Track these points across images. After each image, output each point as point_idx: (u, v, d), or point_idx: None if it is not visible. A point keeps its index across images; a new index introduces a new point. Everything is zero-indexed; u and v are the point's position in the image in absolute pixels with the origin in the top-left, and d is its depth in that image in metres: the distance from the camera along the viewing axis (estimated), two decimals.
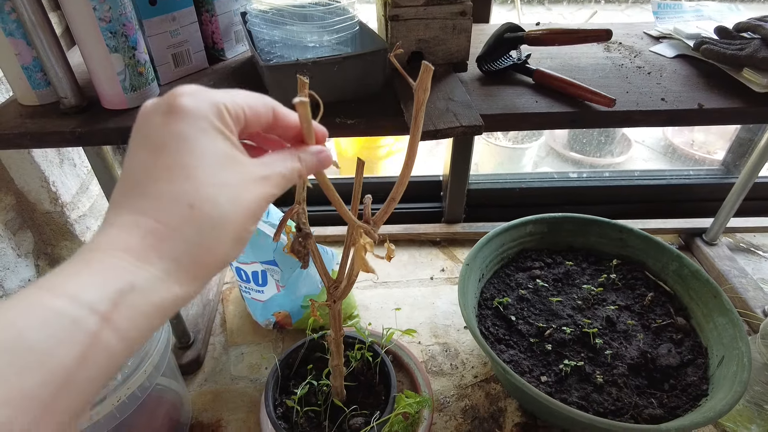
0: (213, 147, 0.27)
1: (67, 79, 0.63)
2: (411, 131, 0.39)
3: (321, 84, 0.61)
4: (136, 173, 0.26)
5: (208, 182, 0.26)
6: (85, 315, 0.21)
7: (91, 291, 0.22)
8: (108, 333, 0.21)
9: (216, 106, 0.27)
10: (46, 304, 0.21)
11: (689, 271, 0.90)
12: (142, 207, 0.25)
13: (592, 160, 1.66)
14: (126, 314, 0.22)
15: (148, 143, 0.26)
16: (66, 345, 0.20)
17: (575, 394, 0.78)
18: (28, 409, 0.19)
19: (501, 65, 0.70)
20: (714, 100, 0.65)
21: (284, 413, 0.72)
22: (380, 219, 0.46)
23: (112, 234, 0.24)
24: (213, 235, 0.26)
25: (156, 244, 0.24)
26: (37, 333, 0.20)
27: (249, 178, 0.28)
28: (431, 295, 1.10)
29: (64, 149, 0.93)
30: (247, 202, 0.27)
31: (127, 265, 0.23)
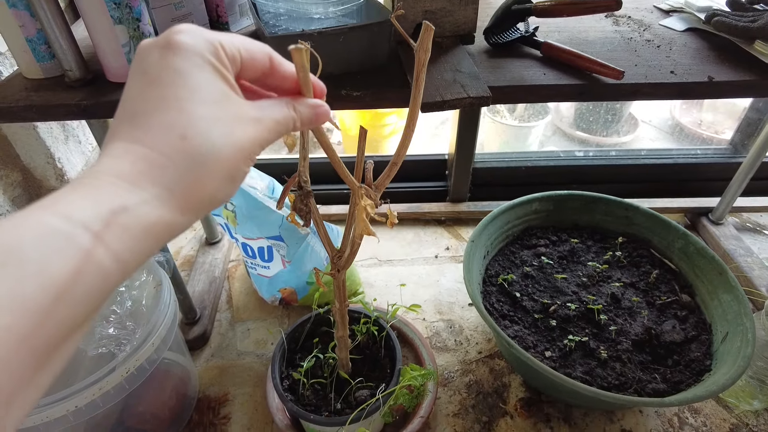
0: (207, 83, 0.27)
1: (71, 52, 0.63)
2: (412, 92, 0.39)
3: (326, 56, 0.60)
4: (131, 104, 0.27)
5: (201, 116, 0.26)
6: (78, 232, 0.22)
7: (84, 211, 0.22)
8: (101, 251, 0.22)
9: (212, 44, 0.28)
10: (41, 221, 0.22)
11: (695, 248, 0.90)
12: (135, 136, 0.25)
13: (598, 140, 1.65)
14: (118, 235, 0.23)
15: (145, 76, 0.27)
16: (61, 259, 0.21)
17: (579, 369, 0.78)
18: (25, 316, 0.20)
19: (508, 38, 0.70)
20: (724, 73, 0.64)
21: (290, 385, 0.73)
22: (382, 183, 0.46)
23: (106, 162, 0.25)
24: (204, 168, 0.26)
25: (148, 171, 0.25)
26: (33, 246, 0.21)
27: (242, 117, 0.28)
28: (436, 273, 1.10)
29: (69, 126, 0.93)
30: (239, 140, 0.27)
31: (120, 188, 0.24)
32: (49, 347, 0.21)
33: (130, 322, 0.72)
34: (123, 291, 0.74)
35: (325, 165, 1.24)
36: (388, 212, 0.49)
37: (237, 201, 0.83)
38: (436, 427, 0.81)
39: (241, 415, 0.84)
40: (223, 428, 0.82)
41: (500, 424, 0.82)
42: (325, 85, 0.34)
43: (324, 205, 1.20)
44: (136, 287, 0.75)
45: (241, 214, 0.84)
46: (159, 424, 0.78)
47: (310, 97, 0.33)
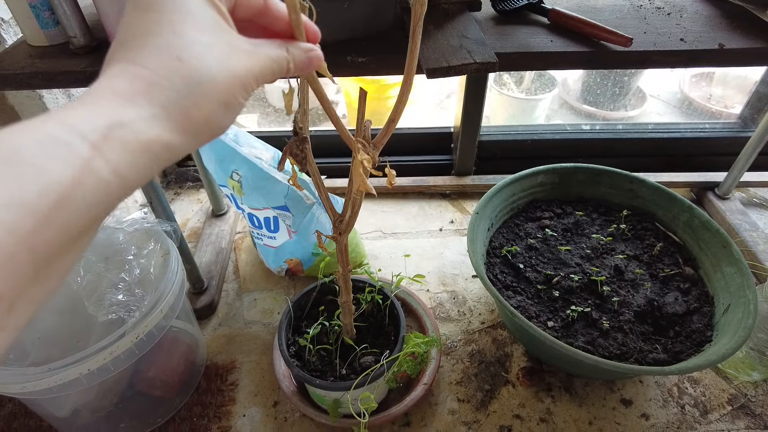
0: (201, 10, 0.27)
1: (75, 18, 0.63)
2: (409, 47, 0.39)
3: (331, 21, 0.60)
4: (127, 30, 0.27)
5: (196, 39, 0.27)
6: (77, 141, 0.22)
7: (82, 122, 0.23)
8: (99, 162, 0.22)
9: None
10: (41, 128, 0.22)
11: (699, 221, 0.90)
12: (131, 57, 0.26)
13: (605, 113, 1.63)
14: (116, 147, 0.23)
15: (139, 4, 0.27)
16: (60, 164, 0.21)
17: (581, 339, 0.79)
18: (25, 217, 0.20)
19: (516, 4, 0.69)
20: (736, 41, 0.63)
21: (297, 352, 0.74)
22: (380, 141, 0.46)
23: (104, 81, 0.25)
24: (200, 90, 0.26)
25: (144, 89, 0.25)
26: (34, 151, 0.21)
27: (236, 47, 0.28)
28: (440, 245, 1.11)
29: (74, 95, 0.93)
30: (234, 67, 0.28)
31: (117, 105, 0.24)
32: (48, 252, 0.21)
33: (139, 290, 0.73)
34: (131, 259, 0.75)
35: (328, 138, 1.24)
36: (387, 171, 0.49)
37: (243, 171, 0.83)
38: (439, 395, 0.83)
39: (248, 382, 0.85)
40: (230, 394, 0.84)
41: (502, 393, 0.83)
42: (331, 50, 0.34)
43: (329, 178, 1.21)
44: (144, 255, 0.76)
45: (247, 184, 0.84)
46: (168, 390, 0.80)
47: (302, 40, 0.33)
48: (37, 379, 0.60)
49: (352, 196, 0.52)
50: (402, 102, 0.42)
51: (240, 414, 0.81)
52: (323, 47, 0.34)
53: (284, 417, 0.81)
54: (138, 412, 0.78)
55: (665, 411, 0.81)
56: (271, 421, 0.80)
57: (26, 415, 0.81)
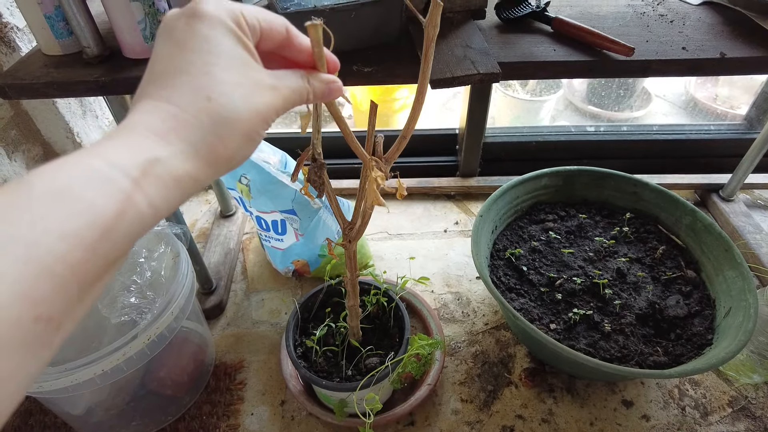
0: (230, 49, 0.29)
1: (89, 29, 0.64)
2: (421, 68, 0.40)
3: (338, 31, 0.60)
4: (160, 66, 0.29)
5: (225, 80, 0.28)
6: (120, 177, 0.24)
7: (124, 159, 0.25)
8: (139, 196, 0.25)
9: (234, 13, 0.30)
10: (90, 164, 0.24)
11: (702, 225, 0.91)
12: (164, 95, 0.28)
13: (610, 114, 1.64)
14: (153, 182, 0.25)
15: (172, 41, 0.29)
16: (107, 199, 0.23)
17: (583, 341, 0.80)
18: (77, 247, 0.22)
19: (520, 13, 0.70)
20: (737, 49, 0.64)
21: (304, 353, 0.76)
22: (392, 156, 0.47)
23: (138, 117, 0.27)
24: (226, 127, 0.28)
25: (176, 127, 0.27)
26: (83, 186, 0.23)
27: (261, 84, 0.30)
28: (445, 246, 1.12)
29: (87, 101, 0.95)
30: (257, 104, 0.30)
31: (152, 142, 0.26)
32: (92, 277, 0.23)
33: (150, 292, 0.75)
34: (143, 262, 0.77)
35: (336, 140, 1.25)
36: (397, 184, 0.50)
37: (251, 175, 0.85)
38: (442, 395, 0.84)
39: (256, 381, 0.87)
40: (238, 393, 0.86)
41: (505, 393, 0.85)
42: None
43: (335, 179, 1.22)
44: (155, 258, 0.78)
45: (255, 188, 0.86)
46: (178, 389, 0.82)
47: (324, 71, 0.35)
48: (53, 379, 0.62)
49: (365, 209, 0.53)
50: (414, 119, 0.44)
51: (248, 412, 0.83)
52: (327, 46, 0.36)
53: (291, 416, 0.83)
54: (149, 411, 0.81)
55: (666, 412, 0.82)
56: (279, 419, 0.82)
57: (42, 412, 0.84)
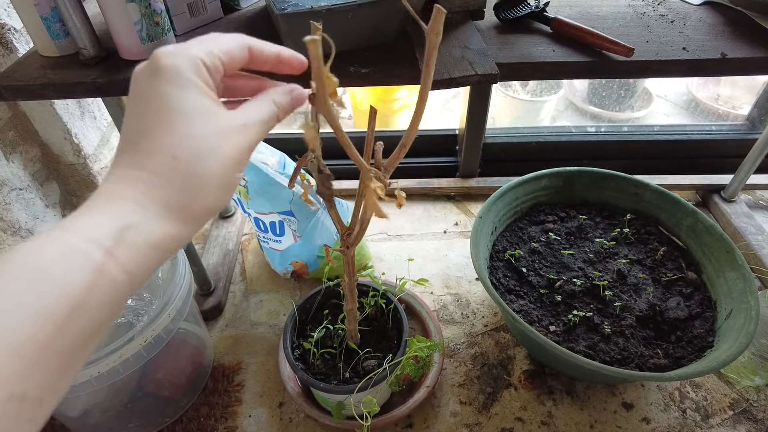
0: (192, 103, 0.29)
1: (85, 30, 0.64)
2: (422, 76, 0.40)
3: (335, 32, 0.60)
4: (129, 133, 0.30)
5: (189, 135, 0.29)
6: (93, 249, 0.25)
7: (96, 229, 0.25)
8: (112, 265, 0.25)
9: (194, 62, 0.30)
10: (62, 239, 0.25)
11: (703, 226, 0.90)
12: (133, 161, 0.28)
13: (611, 115, 1.63)
14: (126, 250, 0.26)
15: (138, 104, 0.30)
16: (78, 273, 0.24)
17: (582, 344, 0.80)
18: (48, 325, 0.23)
19: (518, 13, 0.69)
20: (739, 50, 0.64)
21: (301, 355, 0.76)
22: (391, 164, 0.47)
23: (111, 188, 0.28)
24: (197, 183, 0.29)
25: (147, 191, 0.27)
26: (55, 262, 0.24)
27: (228, 129, 0.30)
28: (444, 247, 1.12)
29: (85, 102, 0.95)
30: (227, 152, 0.30)
31: (126, 208, 0.27)
32: (69, 352, 0.24)
33: (147, 294, 0.75)
34: None
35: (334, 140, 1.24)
36: (396, 193, 0.50)
37: (249, 177, 0.85)
38: (441, 397, 0.84)
39: (254, 383, 0.87)
40: (236, 395, 0.86)
41: (504, 395, 0.84)
42: (334, 61, 0.36)
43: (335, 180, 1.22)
44: None
45: (253, 189, 0.86)
46: (176, 390, 0.82)
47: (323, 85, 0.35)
48: None
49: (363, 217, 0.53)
50: (414, 127, 0.43)
51: (246, 414, 0.83)
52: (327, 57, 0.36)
53: (289, 418, 0.82)
54: (147, 412, 0.80)
55: (666, 415, 0.81)
56: (276, 421, 0.82)
57: None
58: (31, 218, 0.87)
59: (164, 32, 0.66)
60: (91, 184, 0.98)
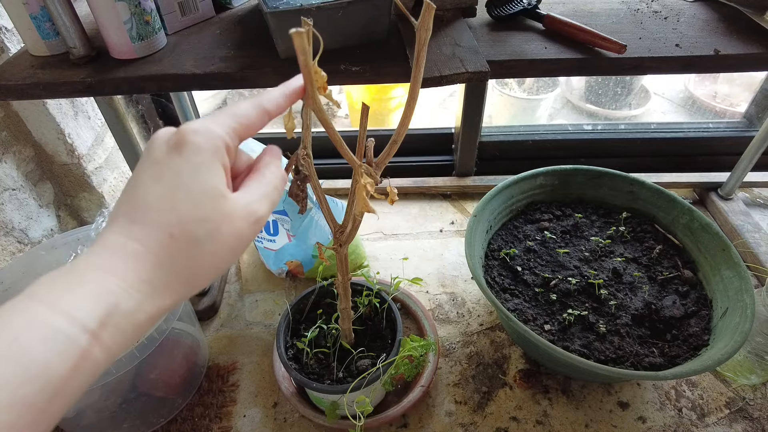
0: (204, 184, 0.29)
1: (75, 29, 0.63)
2: (413, 73, 0.40)
3: (325, 30, 0.60)
4: (134, 197, 0.29)
5: (191, 217, 0.29)
6: (78, 333, 0.24)
7: (83, 310, 0.25)
8: (96, 348, 0.25)
9: (216, 144, 0.30)
10: (46, 320, 0.24)
11: (699, 224, 0.90)
12: (131, 231, 0.28)
13: (608, 113, 1.62)
14: (111, 332, 0.26)
15: (150, 172, 0.30)
16: (62, 358, 0.24)
17: (578, 343, 0.80)
18: (26, 413, 0.22)
19: (511, 10, 0.69)
20: (732, 46, 0.63)
21: (295, 355, 0.76)
22: (382, 161, 0.46)
23: (104, 256, 0.27)
24: (189, 264, 0.29)
25: (137, 269, 0.27)
26: (38, 347, 0.23)
27: (232, 215, 0.30)
28: (440, 246, 1.12)
29: (78, 101, 0.94)
30: (226, 237, 0.30)
31: (114, 287, 0.26)
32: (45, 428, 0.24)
33: None
34: None
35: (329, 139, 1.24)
36: (388, 189, 0.49)
37: None
38: (436, 396, 0.84)
39: (249, 383, 0.87)
40: (231, 395, 0.85)
41: (499, 395, 0.84)
42: (324, 59, 0.36)
43: (329, 179, 1.21)
44: None
45: None
46: (170, 391, 0.81)
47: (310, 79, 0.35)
48: None
49: (354, 215, 0.53)
50: (405, 124, 0.43)
51: (240, 414, 0.83)
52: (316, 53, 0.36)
53: (284, 418, 0.82)
54: (141, 413, 0.80)
55: (662, 414, 0.81)
56: (271, 421, 0.82)
57: None
58: (24, 218, 0.87)
59: (155, 31, 0.65)
60: (85, 184, 0.98)
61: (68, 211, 1.02)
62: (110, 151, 1.04)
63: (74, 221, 1.03)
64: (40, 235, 0.92)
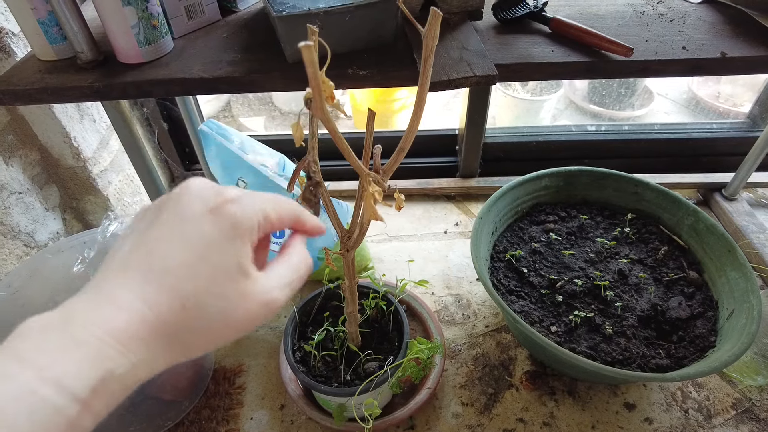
0: (230, 259, 0.28)
1: (82, 33, 0.64)
2: (420, 79, 0.40)
3: (333, 34, 0.60)
4: (156, 253, 0.28)
5: (208, 291, 0.28)
6: (68, 404, 0.23)
7: (74, 378, 0.24)
8: (85, 416, 0.24)
9: (253, 221, 0.29)
10: (34, 390, 0.23)
11: (704, 225, 0.90)
12: (144, 291, 0.27)
13: (611, 113, 1.62)
14: (102, 399, 0.25)
15: (181, 229, 0.28)
16: (48, 430, 0.23)
17: (584, 344, 0.80)
18: None
19: (517, 13, 0.69)
20: (738, 48, 0.63)
21: (302, 357, 0.76)
22: (389, 168, 0.47)
23: (105, 312, 0.26)
24: (193, 337, 0.28)
25: (143, 336, 0.26)
26: (23, 419, 0.22)
27: (252, 297, 0.29)
28: (445, 248, 1.12)
29: (84, 105, 0.95)
30: (236, 317, 0.29)
31: (112, 351, 0.25)
32: None
33: None
34: None
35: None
36: (396, 196, 0.50)
37: (248, 179, 0.85)
38: (443, 398, 0.84)
39: (256, 385, 0.87)
40: (238, 398, 0.85)
41: (506, 396, 0.84)
42: (332, 63, 0.36)
43: (335, 181, 1.22)
44: None
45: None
46: (178, 394, 0.82)
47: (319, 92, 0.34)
48: None
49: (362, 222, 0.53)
50: (412, 131, 0.43)
51: (248, 417, 0.83)
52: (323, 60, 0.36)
53: (291, 420, 0.82)
54: (148, 416, 0.80)
55: (669, 415, 0.81)
56: (278, 424, 0.82)
57: None
58: (30, 222, 0.87)
59: (162, 35, 0.66)
60: (90, 187, 0.98)
61: (74, 214, 1.02)
62: (115, 153, 1.04)
63: (80, 224, 1.04)
64: (46, 238, 0.92)
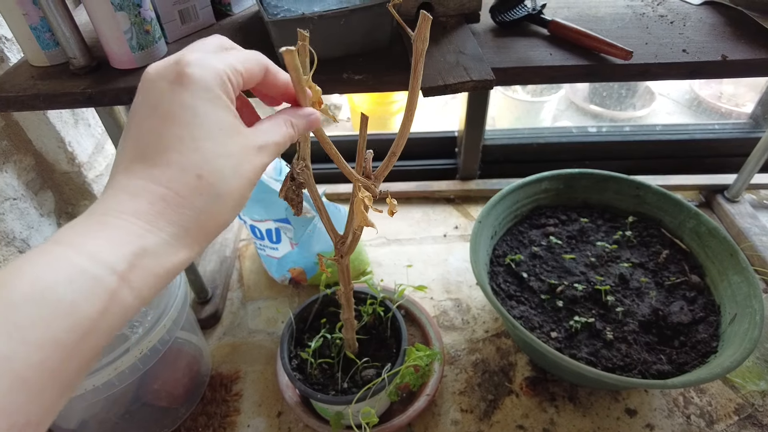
0: (218, 118, 0.28)
1: (74, 39, 0.63)
2: (410, 83, 0.39)
3: (327, 38, 0.59)
4: (146, 140, 0.27)
5: (216, 153, 0.28)
6: (106, 274, 0.23)
7: (109, 252, 0.24)
8: (125, 291, 0.24)
9: (220, 76, 0.28)
10: (71, 261, 0.23)
11: (706, 228, 0.89)
12: (152, 174, 0.26)
13: (612, 114, 1.61)
14: (141, 274, 0.25)
15: (157, 112, 0.28)
16: (90, 299, 0.23)
17: (584, 350, 0.79)
18: (56, 352, 0.22)
19: (515, 16, 0.68)
20: (740, 51, 0.62)
21: (299, 365, 0.75)
22: (381, 174, 0.46)
23: (124, 200, 0.26)
24: (217, 203, 0.28)
25: (165, 211, 0.26)
26: (64, 287, 0.22)
27: (249, 148, 0.29)
28: (444, 252, 1.11)
29: (78, 110, 0.94)
30: (247, 172, 0.29)
31: (139, 229, 0.25)
32: (73, 378, 0.23)
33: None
34: None
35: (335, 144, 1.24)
36: (388, 201, 0.49)
37: None
38: (442, 405, 0.83)
39: (253, 392, 0.86)
40: (235, 405, 0.85)
41: (506, 403, 0.83)
42: (327, 67, 0.35)
43: (332, 184, 1.21)
44: None
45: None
46: (173, 400, 0.81)
47: (303, 96, 0.34)
48: None
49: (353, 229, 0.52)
50: (403, 135, 0.42)
51: (245, 424, 0.82)
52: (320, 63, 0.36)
53: (288, 428, 0.81)
54: (144, 423, 0.80)
55: (670, 421, 0.80)
56: (275, 431, 0.81)
57: None
58: (25, 228, 0.86)
59: (155, 40, 0.65)
60: (86, 192, 0.98)
61: (69, 220, 1.01)
62: (110, 158, 1.03)
63: None
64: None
